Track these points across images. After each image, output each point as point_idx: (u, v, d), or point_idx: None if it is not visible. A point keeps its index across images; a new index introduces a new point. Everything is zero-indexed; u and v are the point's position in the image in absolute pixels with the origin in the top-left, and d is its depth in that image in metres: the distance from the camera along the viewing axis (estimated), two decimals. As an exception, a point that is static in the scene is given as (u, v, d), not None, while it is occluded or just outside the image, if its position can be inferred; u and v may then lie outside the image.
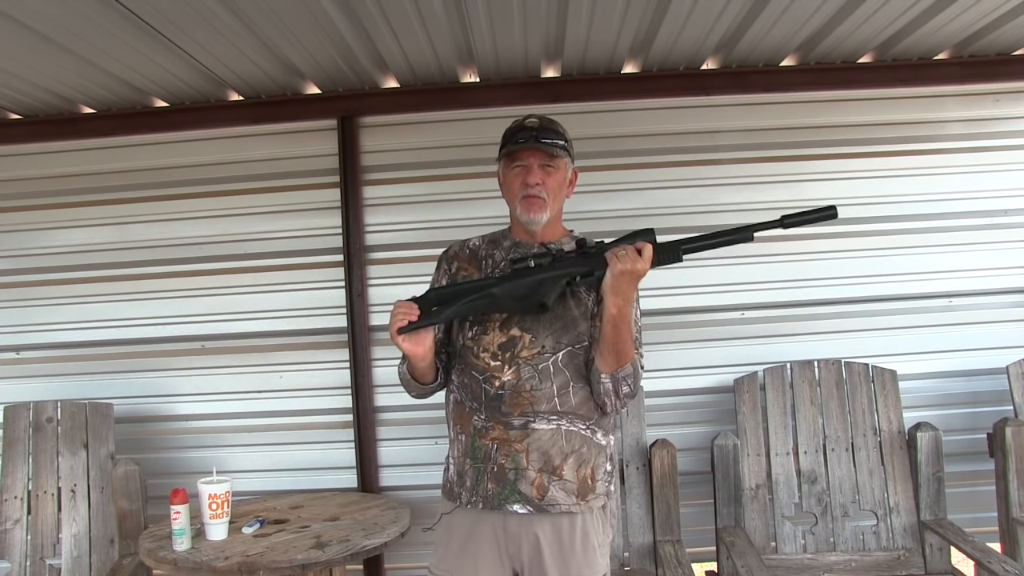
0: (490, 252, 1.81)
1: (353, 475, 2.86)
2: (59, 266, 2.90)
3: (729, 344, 2.84)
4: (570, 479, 1.67)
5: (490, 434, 1.67)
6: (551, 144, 1.71)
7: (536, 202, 1.71)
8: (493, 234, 1.87)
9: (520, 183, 1.72)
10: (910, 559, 2.58)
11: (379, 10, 2.13)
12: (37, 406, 2.73)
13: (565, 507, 1.67)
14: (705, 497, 2.70)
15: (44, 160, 2.90)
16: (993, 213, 2.84)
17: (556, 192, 1.74)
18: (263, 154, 2.88)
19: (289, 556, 2.07)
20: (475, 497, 1.68)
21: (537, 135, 1.71)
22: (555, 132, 1.74)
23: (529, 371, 1.66)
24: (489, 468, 1.66)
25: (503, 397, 1.66)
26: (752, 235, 1.66)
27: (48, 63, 2.33)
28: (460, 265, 1.82)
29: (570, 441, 1.68)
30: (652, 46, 2.54)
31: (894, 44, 2.62)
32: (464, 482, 1.70)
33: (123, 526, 2.59)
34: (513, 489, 1.65)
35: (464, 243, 1.87)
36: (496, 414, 1.66)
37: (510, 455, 1.65)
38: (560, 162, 1.74)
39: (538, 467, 1.65)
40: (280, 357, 2.89)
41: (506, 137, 1.77)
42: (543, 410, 1.66)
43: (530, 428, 1.65)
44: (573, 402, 1.68)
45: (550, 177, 1.72)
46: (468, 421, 1.70)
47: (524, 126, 1.73)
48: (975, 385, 2.83)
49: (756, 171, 2.84)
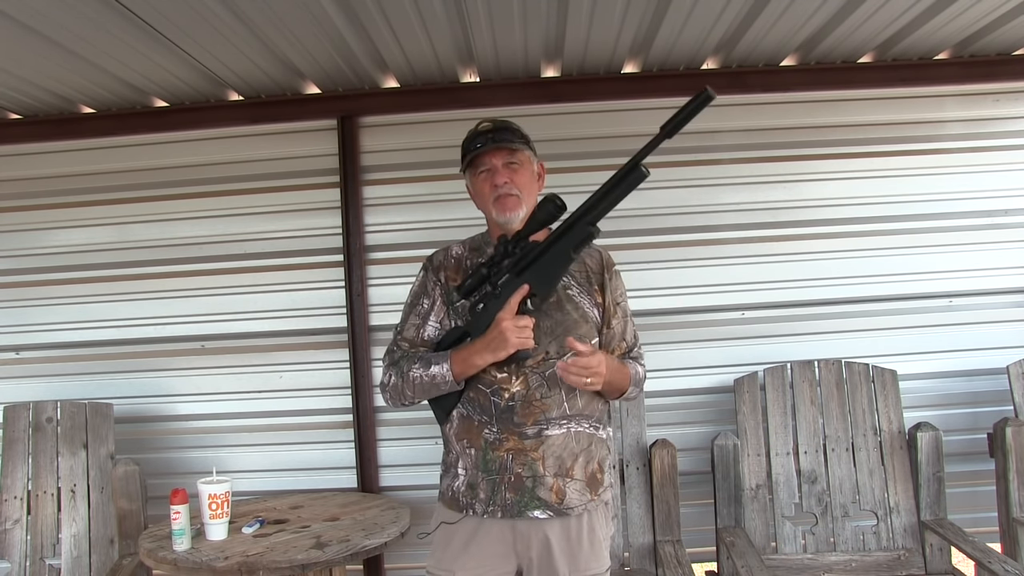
0: (474, 260, 1.81)
1: (353, 475, 2.86)
2: (59, 266, 2.90)
3: (729, 344, 2.83)
4: (579, 477, 1.69)
5: (504, 445, 1.67)
6: (508, 142, 1.73)
7: (510, 200, 1.72)
8: (474, 239, 1.88)
9: (490, 186, 1.73)
10: (910, 559, 2.58)
11: (379, 10, 2.13)
12: (37, 406, 2.73)
13: (580, 507, 1.68)
14: (705, 497, 2.70)
15: (44, 160, 2.90)
16: (993, 213, 2.84)
17: (527, 187, 1.75)
18: (263, 154, 2.87)
19: (289, 556, 2.07)
20: (492, 507, 1.67)
21: (494, 136, 1.73)
22: (511, 131, 1.76)
23: (537, 379, 1.67)
24: (505, 479, 1.66)
25: (514, 408, 1.66)
26: (644, 169, 1.57)
27: (48, 63, 2.33)
28: (448, 275, 1.81)
29: (579, 441, 1.70)
30: (652, 46, 2.54)
31: (894, 44, 2.62)
32: (477, 494, 1.69)
33: (123, 526, 2.58)
34: (533, 496, 1.66)
35: (447, 251, 1.86)
36: (509, 425, 1.66)
37: (527, 463, 1.66)
38: (523, 156, 1.75)
39: (554, 472, 1.67)
40: (280, 357, 2.89)
41: (465, 147, 1.78)
42: (555, 416, 1.67)
43: (544, 435, 1.66)
44: (580, 404, 1.70)
45: (517, 174, 1.74)
46: (478, 435, 1.69)
47: (480, 131, 1.76)
48: (975, 385, 2.83)
49: (756, 171, 2.84)
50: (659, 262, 2.83)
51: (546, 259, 1.62)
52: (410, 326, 1.81)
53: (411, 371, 1.72)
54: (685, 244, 2.84)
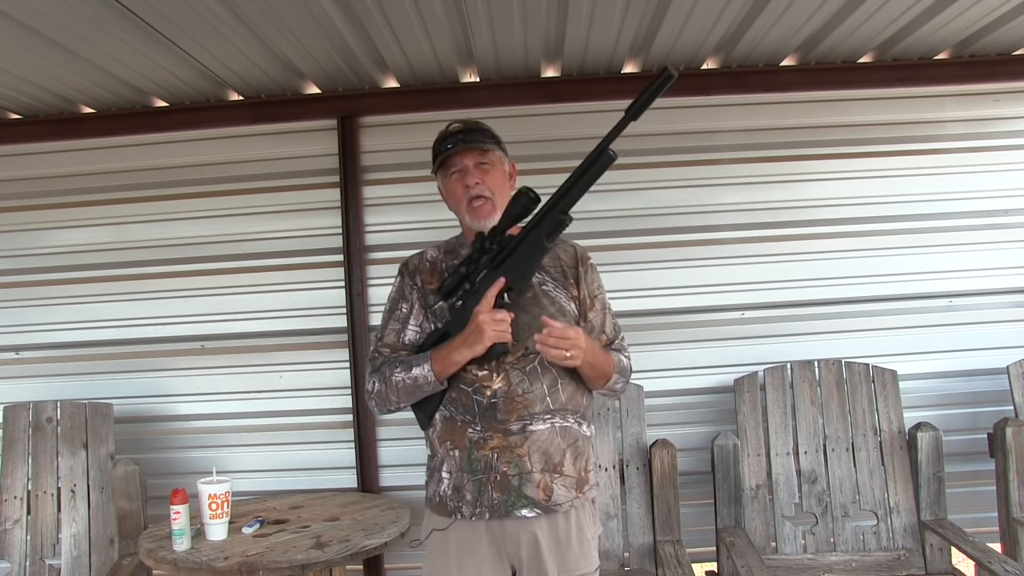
0: (450, 264, 1.81)
1: (353, 475, 2.86)
2: (59, 266, 2.90)
3: (729, 344, 2.83)
4: (570, 473, 1.69)
5: (488, 444, 1.66)
6: (479, 141, 1.73)
7: (484, 205, 1.73)
8: (448, 243, 1.87)
9: (462, 188, 1.74)
10: (910, 559, 2.58)
11: (379, 10, 2.13)
12: (37, 406, 2.73)
13: (567, 503, 1.68)
14: (705, 497, 2.70)
15: (44, 160, 2.89)
16: (993, 213, 2.84)
17: (499, 187, 1.76)
18: (263, 154, 2.87)
19: (289, 556, 2.07)
20: (479, 508, 1.67)
21: (464, 136, 1.73)
22: (481, 131, 1.77)
23: (518, 375, 1.67)
24: (491, 478, 1.66)
25: (497, 405, 1.66)
26: (611, 152, 1.57)
27: (48, 63, 2.32)
28: (424, 279, 1.81)
29: (565, 436, 1.70)
30: (652, 46, 2.54)
31: (894, 44, 2.62)
32: (463, 496, 1.68)
33: (123, 526, 2.58)
34: (519, 495, 1.65)
35: (422, 255, 1.86)
36: (492, 423, 1.66)
37: (512, 461, 1.65)
38: (493, 156, 1.76)
39: (540, 467, 1.66)
40: (280, 357, 2.89)
41: (435, 149, 1.78)
42: (538, 411, 1.67)
43: (528, 431, 1.66)
44: (563, 398, 1.70)
45: (488, 175, 1.74)
46: (462, 435, 1.69)
47: (450, 132, 1.76)
48: (975, 385, 2.83)
49: (756, 171, 2.84)
50: (659, 262, 2.83)
51: (521, 251, 1.64)
52: (390, 331, 1.80)
53: (393, 376, 1.72)
54: (685, 244, 2.84)
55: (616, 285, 2.82)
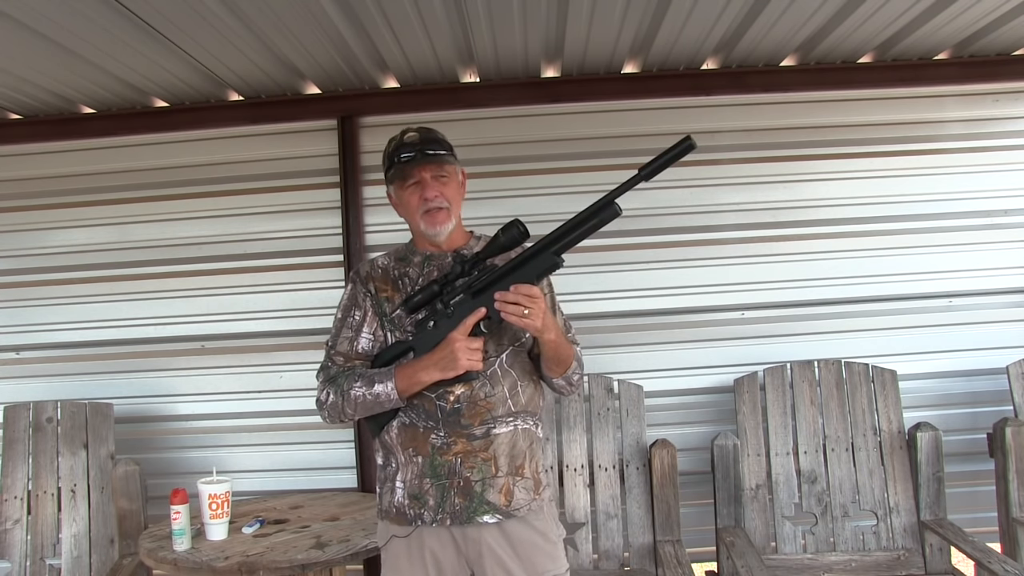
0: (403, 271, 1.78)
1: (353, 475, 2.86)
2: (59, 266, 2.90)
3: (729, 344, 2.84)
4: (529, 476, 1.70)
5: (452, 449, 1.65)
6: (437, 155, 1.72)
7: (440, 213, 1.72)
8: (397, 250, 1.85)
9: (418, 199, 1.72)
10: (910, 559, 2.58)
11: (379, 10, 2.13)
12: (37, 406, 2.73)
13: (527, 507, 1.68)
14: (705, 497, 2.70)
15: (44, 160, 2.90)
16: (993, 213, 2.84)
17: (455, 198, 1.75)
18: (263, 154, 2.88)
19: (289, 556, 2.07)
20: (441, 514, 1.65)
21: (422, 148, 1.71)
22: (438, 142, 1.75)
23: (480, 380, 1.66)
24: (454, 483, 1.65)
25: (460, 410, 1.65)
26: (617, 207, 1.54)
27: (48, 63, 2.33)
28: (377, 285, 1.78)
29: (526, 439, 1.71)
30: (652, 46, 2.54)
31: (894, 44, 2.62)
32: (425, 501, 1.66)
33: (123, 526, 2.58)
34: (481, 501, 1.64)
35: (373, 263, 1.84)
36: (456, 428, 1.65)
37: (476, 466, 1.65)
38: (450, 168, 1.75)
39: (506, 471, 1.66)
40: (280, 357, 2.89)
41: (389, 156, 1.75)
42: (500, 414, 1.67)
43: (492, 435, 1.66)
44: (523, 400, 1.71)
45: (446, 187, 1.73)
46: (424, 441, 1.67)
47: (405, 142, 1.73)
48: (975, 385, 2.83)
49: (756, 171, 2.84)
50: (659, 262, 2.83)
51: (506, 284, 1.60)
52: (343, 340, 1.77)
53: (352, 389, 1.68)
54: (685, 244, 2.84)
55: (616, 285, 2.83)
